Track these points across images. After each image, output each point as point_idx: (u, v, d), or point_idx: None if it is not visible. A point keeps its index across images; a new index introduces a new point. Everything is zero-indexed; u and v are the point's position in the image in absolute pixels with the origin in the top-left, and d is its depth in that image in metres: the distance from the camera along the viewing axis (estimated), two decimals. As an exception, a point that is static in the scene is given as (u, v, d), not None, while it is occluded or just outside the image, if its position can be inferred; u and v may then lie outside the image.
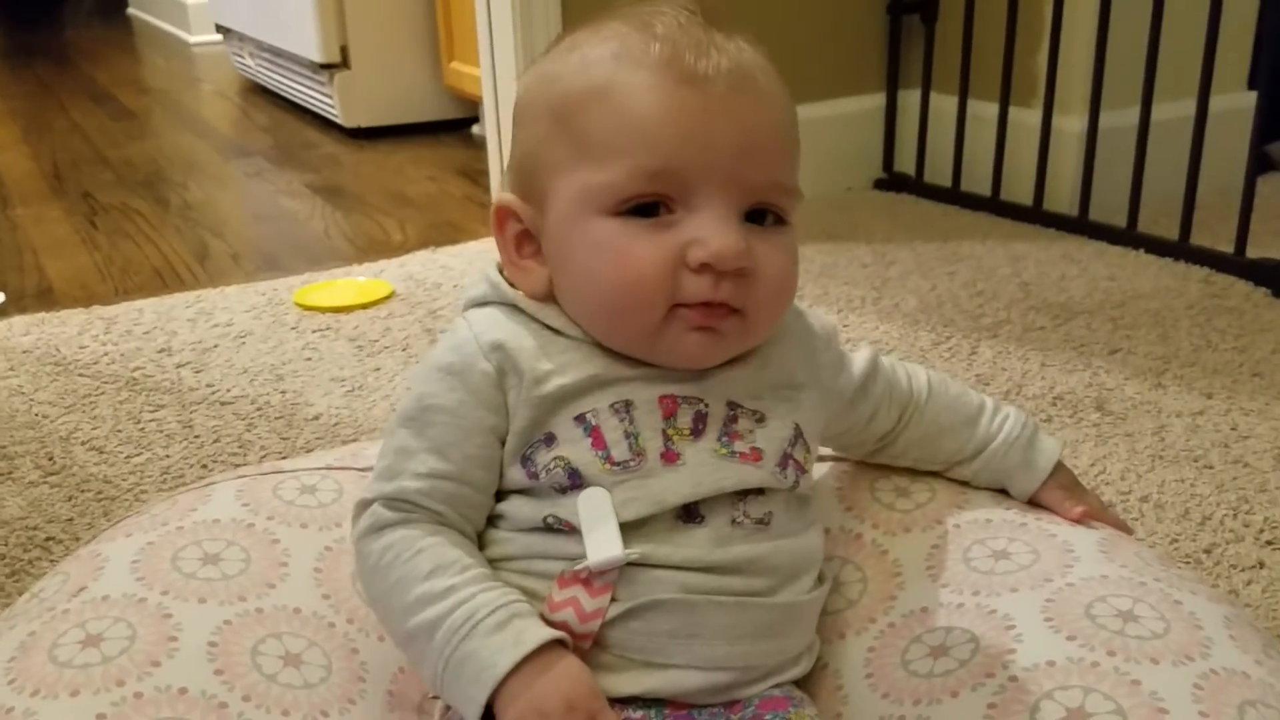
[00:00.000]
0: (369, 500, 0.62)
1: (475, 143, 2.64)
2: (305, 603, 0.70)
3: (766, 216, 0.61)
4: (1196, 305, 1.56)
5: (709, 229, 0.58)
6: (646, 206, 0.59)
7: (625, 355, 0.62)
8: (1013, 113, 1.92)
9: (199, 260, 1.90)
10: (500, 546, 0.63)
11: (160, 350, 1.46)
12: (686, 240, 0.58)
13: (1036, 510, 0.75)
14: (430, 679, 0.59)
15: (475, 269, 1.74)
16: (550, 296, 0.63)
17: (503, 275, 0.65)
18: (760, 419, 0.64)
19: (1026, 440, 0.76)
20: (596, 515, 0.60)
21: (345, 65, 2.68)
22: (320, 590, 0.71)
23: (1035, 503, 0.76)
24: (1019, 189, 1.94)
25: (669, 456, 0.61)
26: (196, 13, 4.16)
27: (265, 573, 0.70)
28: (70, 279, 1.81)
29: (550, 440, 0.61)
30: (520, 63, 1.82)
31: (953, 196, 2.03)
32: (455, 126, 2.77)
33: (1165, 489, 1.10)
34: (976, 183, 2.00)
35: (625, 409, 0.61)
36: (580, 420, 0.61)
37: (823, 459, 0.81)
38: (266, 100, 3.22)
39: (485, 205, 2.14)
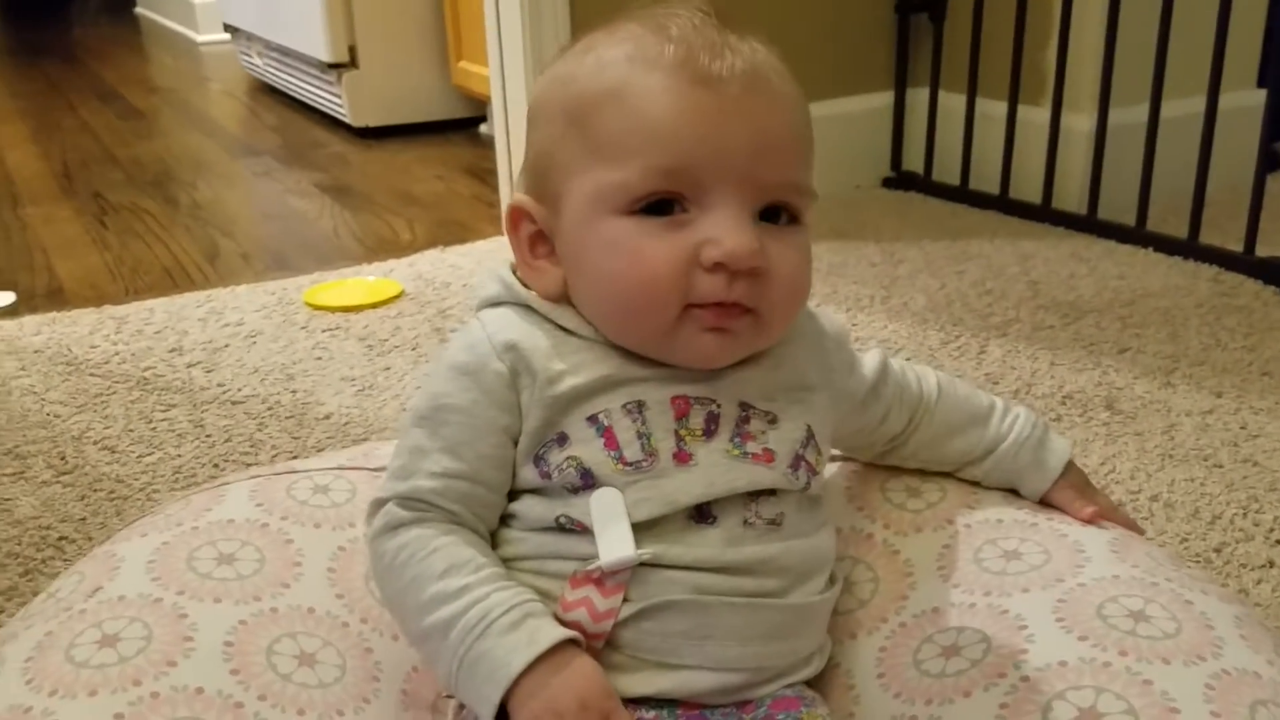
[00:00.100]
0: (383, 499, 0.63)
1: (483, 142, 2.65)
2: (319, 602, 0.70)
3: (781, 215, 0.61)
4: (1206, 304, 1.55)
5: (723, 228, 0.58)
6: (660, 205, 0.59)
7: (638, 356, 0.62)
8: (1021, 111, 1.92)
9: (209, 260, 1.91)
10: (513, 546, 0.63)
11: (171, 350, 1.47)
12: (700, 240, 0.58)
13: (1048, 510, 0.75)
14: (445, 678, 0.59)
15: (484, 268, 1.74)
16: (564, 297, 0.64)
17: (516, 276, 0.66)
18: (773, 420, 0.64)
19: (1037, 440, 0.76)
20: (609, 515, 0.60)
21: (353, 64, 2.68)
22: (334, 590, 0.71)
23: (1046, 503, 0.76)
24: (1028, 187, 1.93)
25: (681, 457, 0.61)
26: (204, 12, 4.17)
27: (279, 573, 0.71)
28: (81, 279, 1.82)
29: (563, 440, 0.61)
30: (528, 62, 1.82)
31: (961, 195, 2.02)
32: (463, 126, 2.77)
33: (1175, 488, 1.10)
34: (985, 181, 1.99)
35: (638, 409, 0.62)
36: (593, 420, 0.61)
37: (832, 459, 0.81)
38: (275, 99, 3.23)
39: (493, 204, 2.15)
